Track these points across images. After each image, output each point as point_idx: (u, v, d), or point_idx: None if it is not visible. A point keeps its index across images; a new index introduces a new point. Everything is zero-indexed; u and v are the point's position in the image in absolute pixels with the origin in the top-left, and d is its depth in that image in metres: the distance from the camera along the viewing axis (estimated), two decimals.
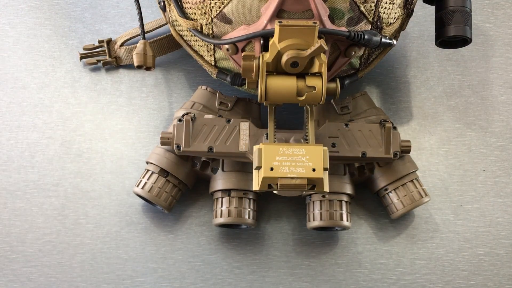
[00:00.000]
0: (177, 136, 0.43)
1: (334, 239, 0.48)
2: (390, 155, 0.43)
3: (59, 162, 0.50)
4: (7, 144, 0.51)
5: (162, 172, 0.45)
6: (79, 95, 0.53)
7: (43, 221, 0.48)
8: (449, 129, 0.52)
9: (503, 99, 0.54)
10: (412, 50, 0.56)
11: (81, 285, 0.46)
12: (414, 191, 0.45)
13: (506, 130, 0.52)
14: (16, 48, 0.55)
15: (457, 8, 0.44)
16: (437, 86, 0.54)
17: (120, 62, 0.54)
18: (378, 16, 0.41)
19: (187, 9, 0.43)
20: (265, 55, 0.37)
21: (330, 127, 0.44)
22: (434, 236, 0.48)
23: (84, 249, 0.47)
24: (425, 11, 0.57)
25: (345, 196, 0.45)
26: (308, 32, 0.36)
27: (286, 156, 0.37)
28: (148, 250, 0.47)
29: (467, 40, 0.45)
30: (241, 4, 0.39)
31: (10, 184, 0.49)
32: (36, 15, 0.56)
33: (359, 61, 0.45)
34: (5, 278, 0.46)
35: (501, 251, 0.48)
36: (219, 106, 0.47)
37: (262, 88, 0.38)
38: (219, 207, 0.45)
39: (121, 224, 0.48)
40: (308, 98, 0.38)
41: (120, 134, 0.51)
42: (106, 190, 0.49)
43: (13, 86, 0.53)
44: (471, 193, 0.50)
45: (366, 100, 0.48)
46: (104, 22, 0.56)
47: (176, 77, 0.54)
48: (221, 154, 0.43)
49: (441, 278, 0.47)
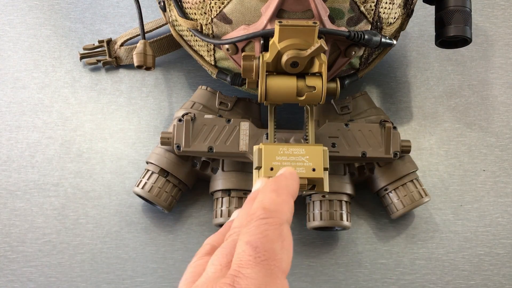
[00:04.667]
0: (177, 136, 0.43)
1: (334, 239, 0.48)
2: (390, 155, 0.43)
3: (59, 162, 0.50)
4: (7, 144, 0.51)
5: (162, 172, 0.45)
6: (79, 95, 0.53)
7: (43, 221, 0.48)
8: (449, 129, 0.52)
9: (503, 99, 0.54)
10: (412, 50, 0.56)
11: (81, 285, 0.46)
12: (414, 191, 0.45)
13: (506, 130, 0.52)
14: (16, 48, 0.55)
15: (457, 8, 0.44)
16: (437, 86, 0.54)
17: (120, 62, 0.54)
18: (378, 16, 0.41)
19: (187, 9, 0.43)
20: (265, 55, 0.37)
21: (330, 127, 0.44)
22: (434, 236, 0.48)
23: (84, 249, 0.47)
24: (425, 11, 0.57)
25: (345, 196, 0.45)
26: (308, 32, 0.36)
27: (286, 156, 0.37)
28: (148, 250, 0.47)
29: (467, 40, 0.45)
30: (241, 4, 0.39)
31: (10, 184, 0.49)
32: (36, 15, 0.56)
33: (359, 61, 0.45)
34: (5, 278, 0.46)
35: (501, 251, 0.48)
36: (219, 106, 0.47)
37: (262, 88, 0.38)
38: (219, 207, 0.45)
39: (121, 224, 0.48)
40: (308, 98, 0.38)
41: (120, 134, 0.51)
42: (106, 190, 0.49)
43: (13, 86, 0.53)
44: (471, 193, 0.50)
45: (366, 100, 0.48)
46: (104, 22, 0.56)
47: (176, 77, 0.54)
48: (221, 154, 0.43)
49: (441, 278, 0.47)
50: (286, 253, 0.23)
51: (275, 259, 0.22)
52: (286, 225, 0.24)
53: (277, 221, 0.23)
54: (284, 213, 0.24)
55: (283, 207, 0.25)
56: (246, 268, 0.21)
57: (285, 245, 0.23)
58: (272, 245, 0.22)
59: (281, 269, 0.22)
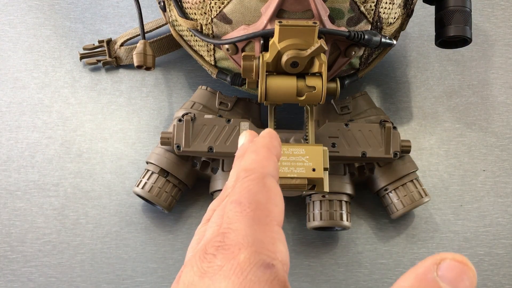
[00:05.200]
0: (177, 136, 0.43)
1: (334, 239, 0.48)
2: (390, 155, 0.43)
3: (59, 162, 0.50)
4: (7, 144, 0.51)
5: (162, 172, 0.45)
6: (79, 95, 0.53)
7: (43, 221, 0.48)
8: (449, 129, 0.52)
9: (503, 99, 0.54)
10: (412, 50, 0.56)
11: (81, 285, 0.46)
12: (414, 191, 0.45)
13: (506, 130, 0.52)
14: (16, 48, 0.55)
15: (457, 8, 0.44)
16: (437, 86, 0.54)
17: (120, 62, 0.54)
18: (378, 16, 0.41)
19: (187, 9, 0.43)
20: (265, 55, 0.37)
21: (330, 127, 0.44)
22: (434, 236, 0.48)
23: (84, 249, 0.47)
24: (425, 11, 0.57)
25: (345, 196, 0.45)
26: (308, 32, 0.36)
27: (286, 156, 0.37)
28: (148, 250, 0.47)
29: (467, 40, 0.45)
30: (241, 4, 0.39)
31: (10, 184, 0.49)
32: (36, 15, 0.56)
33: (359, 61, 0.45)
34: (5, 278, 0.46)
35: (501, 251, 0.48)
36: (219, 106, 0.47)
37: (262, 88, 0.38)
38: None
39: (121, 224, 0.48)
40: (308, 98, 0.38)
41: (120, 134, 0.51)
42: (106, 190, 0.49)
43: (13, 86, 0.53)
44: (471, 193, 0.50)
45: (366, 100, 0.48)
46: (104, 22, 0.56)
47: (176, 77, 0.54)
48: (221, 154, 0.43)
49: None
50: (273, 203, 0.23)
51: (261, 209, 0.22)
52: (270, 177, 0.24)
53: (258, 175, 0.24)
54: (265, 167, 0.24)
55: (264, 163, 0.25)
56: (234, 223, 0.21)
57: (271, 195, 0.23)
58: (255, 197, 0.22)
59: (270, 218, 0.22)
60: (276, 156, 0.26)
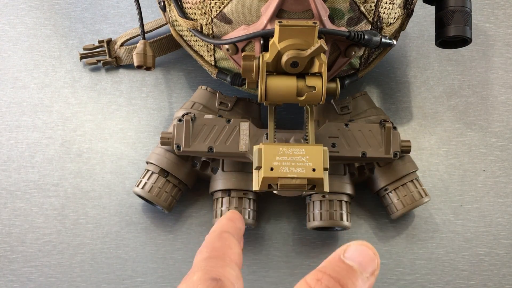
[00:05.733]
0: (177, 136, 0.43)
1: (334, 239, 0.48)
2: (390, 155, 0.43)
3: (59, 162, 0.50)
4: (7, 144, 0.51)
5: (162, 172, 0.45)
6: (79, 95, 0.53)
7: (43, 221, 0.48)
8: (449, 129, 0.52)
9: (503, 99, 0.54)
10: (412, 50, 0.56)
11: (81, 285, 0.46)
12: (414, 191, 0.45)
13: (506, 130, 0.52)
14: (16, 48, 0.55)
15: (457, 8, 0.44)
16: (437, 86, 0.54)
17: (120, 62, 0.54)
18: (378, 16, 0.41)
19: (187, 9, 0.43)
20: (265, 55, 0.37)
21: (330, 127, 0.44)
22: (434, 236, 0.48)
23: (84, 249, 0.47)
24: (425, 11, 0.57)
25: (345, 196, 0.45)
26: (308, 32, 0.36)
27: (286, 156, 0.37)
28: (148, 250, 0.47)
29: (467, 40, 0.45)
30: (241, 4, 0.39)
31: (10, 184, 0.49)
32: (36, 15, 0.56)
33: (359, 61, 0.45)
34: (5, 278, 0.46)
35: (501, 251, 0.48)
36: (219, 106, 0.47)
37: (262, 88, 0.38)
38: (219, 207, 0.45)
39: (121, 224, 0.48)
40: (308, 98, 0.38)
41: (120, 134, 0.51)
42: (106, 190, 0.49)
43: (13, 86, 0.53)
44: (471, 193, 0.50)
45: (366, 100, 0.48)
46: (104, 22, 0.56)
47: (176, 77, 0.54)
48: (221, 154, 0.43)
49: (441, 278, 0.47)
50: (228, 247, 0.26)
51: (216, 250, 0.25)
52: (227, 233, 0.27)
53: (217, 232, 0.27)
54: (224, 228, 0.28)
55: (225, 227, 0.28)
56: (196, 266, 0.24)
57: (226, 242, 0.26)
58: (212, 244, 0.26)
59: (225, 256, 0.25)
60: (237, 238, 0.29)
